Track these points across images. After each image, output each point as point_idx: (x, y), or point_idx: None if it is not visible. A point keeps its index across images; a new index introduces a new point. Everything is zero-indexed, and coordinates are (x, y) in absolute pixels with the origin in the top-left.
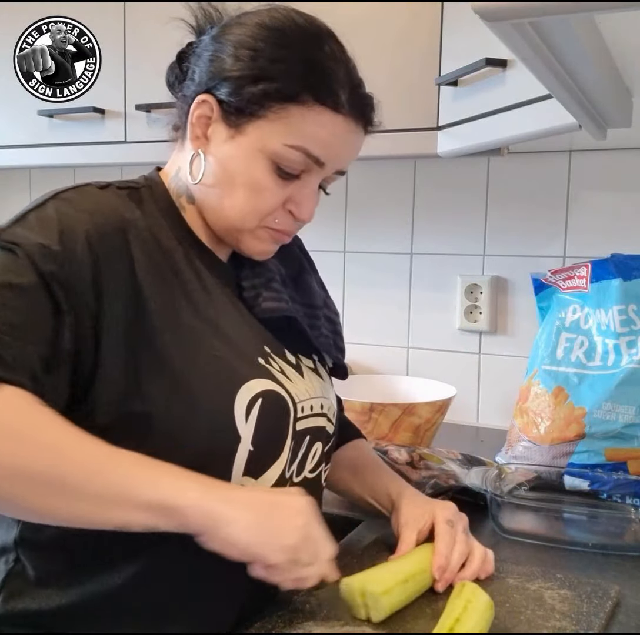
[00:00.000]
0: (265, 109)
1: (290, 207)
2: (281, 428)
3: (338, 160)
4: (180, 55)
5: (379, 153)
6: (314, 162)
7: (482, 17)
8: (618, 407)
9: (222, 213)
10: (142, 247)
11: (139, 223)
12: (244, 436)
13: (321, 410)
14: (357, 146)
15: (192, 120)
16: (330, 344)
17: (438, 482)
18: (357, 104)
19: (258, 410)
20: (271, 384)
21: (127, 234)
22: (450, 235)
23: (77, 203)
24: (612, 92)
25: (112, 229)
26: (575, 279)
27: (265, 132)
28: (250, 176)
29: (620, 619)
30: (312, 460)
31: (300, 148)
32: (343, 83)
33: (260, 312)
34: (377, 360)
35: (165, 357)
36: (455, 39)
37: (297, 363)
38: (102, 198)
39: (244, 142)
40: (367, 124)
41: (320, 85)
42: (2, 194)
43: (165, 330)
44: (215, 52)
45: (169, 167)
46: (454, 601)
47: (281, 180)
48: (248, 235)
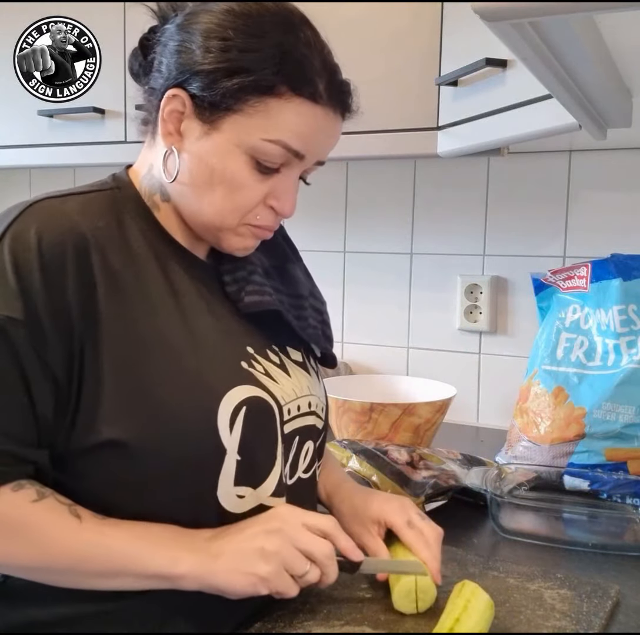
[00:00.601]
0: (242, 102)
1: (271, 202)
2: (268, 434)
3: (318, 152)
4: (143, 42)
5: (379, 153)
6: (293, 155)
7: (482, 17)
8: (618, 407)
9: (200, 211)
10: (102, 262)
11: (99, 233)
12: (230, 448)
13: (309, 409)
14: (336, 135)
15: (164, 116)
16: (319, 334)
17: (438, 482)
18: (335, 92)
19: (242, 419)
20: (254, 390)
21: (88, 251)
22: (450, 235)
23: (28, 238)
24: (612, 92)
25: (71, 254)
26: (575, 279)
27: (242, 127)
28: (228, 173)
29: (620, 618)
30: (305, 460)
31: (279, 142)
32: (319, 71)
33: (243, 307)
34: (377, 360)
35: (138, 378)
36: (455, 39)
37: (281, 362)
38: (55, 217)
39: (219, 138)
40: (345, 111)
41: (297, 76)
42: (2, 194)
43: (131, 348)
44: (183, 43)
45: (139, 165)
46: (454, 601)
47: (260, 175)
48: (229, 233)
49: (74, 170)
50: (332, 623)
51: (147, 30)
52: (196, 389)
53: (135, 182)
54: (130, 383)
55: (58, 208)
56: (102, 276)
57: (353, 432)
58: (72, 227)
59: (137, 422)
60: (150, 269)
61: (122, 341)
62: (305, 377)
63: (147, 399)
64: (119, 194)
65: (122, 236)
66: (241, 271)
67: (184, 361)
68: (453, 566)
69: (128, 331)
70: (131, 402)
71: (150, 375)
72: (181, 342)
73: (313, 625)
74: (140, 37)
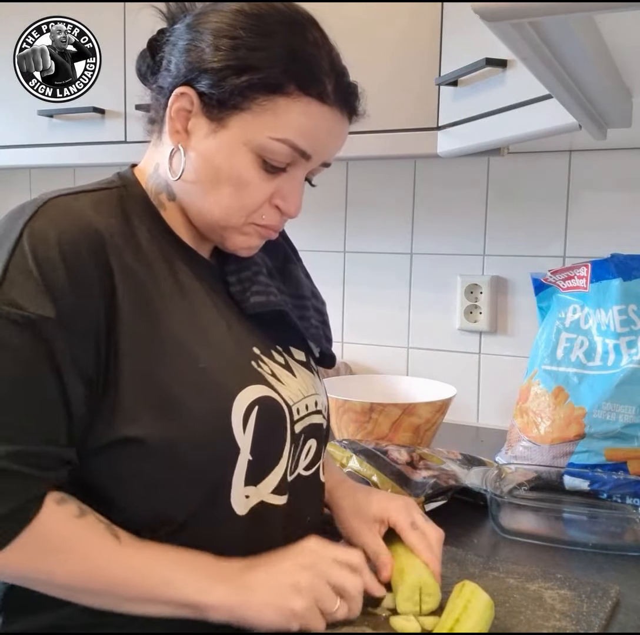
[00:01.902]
0: (250, 101)
1: (277, 202)
2: (279, 433)
3: (324, 152)
4: (151, 43)
5: (379, 153)
6: (300, 155)
7: (482, 17)
8: (618, 407)
9: (205, 210)
10: (118, 259)
11: (114, 230)
12: (243, 447)
13: (316, 408)
14: (343, 137)
15: (171, 114)
16: (321, 334)
17: (438, 482)
18: (343, 93)
19: (255, 418)
20: (265, 390)
21: (105, 249)
22: (450, 235)
23: (48, 236)
24: (612, 92)
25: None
26: (575, 279)
27: (250, 125)
28: (235, 171)
29: (620, 618)
30: (307, 458)
31: (286, 141)
32: (328, 72)
33: (249, 307)
34: (377, 360)
35: (155, 376)
36: (455, 39)
37: (286, 362)
38: (71, 215)
39: (227, 136)
40: (352, 114)
41: (305, 75)
42: (2, 194)
43: (149, 347)
44: (192, 42)
45: (145, 164)
46: (454, 601)
47: (267, 174)
48: (234, 231)
49: (74, 170)
50: (332, 623)
51: (157, 32)
52: (211, 388)
53: (141, 181)
54: (148, 381)
55: (74, 206)
56: (121, 274)
57: (353, 432)
58: (90, 225)
59: (154, 420)
60: (160, 269)
61: (140, 340)
62: (310, 377)
63: (165, 398)
64: (126, 193)
65: (132, 235)
66: (246, 271)
67: (199, 360)
68: (453, 566)
69: (146, 330)
70: (148, 400)
71: (168, 374)
72: (195, 342)
73: None
74: (149, 38)
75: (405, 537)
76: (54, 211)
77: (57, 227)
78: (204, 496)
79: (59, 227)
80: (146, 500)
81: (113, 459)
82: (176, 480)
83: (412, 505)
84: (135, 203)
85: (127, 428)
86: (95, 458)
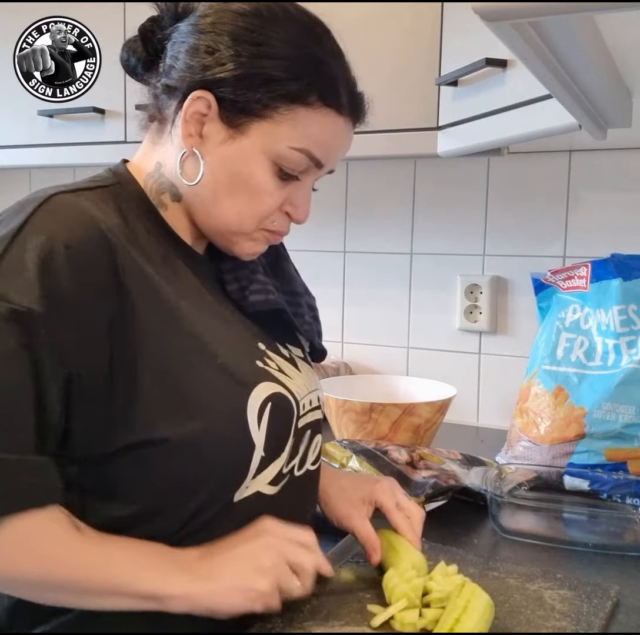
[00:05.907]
0: (271, 109)
1: (287, 209)
2: (287, 429)
3: (334, 161)
4: (145, 34)
5: (379, 153)
6: (314, 164)
7: (482, 17)
8: (618, 407)
9: (216, 215)
10: (125, 258)
11: (117, 230)
12: (258, 443)
13: (318, 403)
14: (349, 145)
15: (186, 117)
16: (314, 330)
17: (438, 482)
18: (356, 104)
19: (268, 415)
20: (275, 386)
21: (110, 247)
22: (450, 235)
23: (52, 232)
24: (612, 92)
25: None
26: (575, 279)
27: (270, 134)
28: (251, 178)
29: (620, 619)
30: (314, 453)
31: (304, 150)
32: (343, 83)
33: (248, 305)
34: (377, 360)
35: (172, 375)
36: (455, 39)
37: (290, 356)
38: (76, 213)
39: (245, 143)
40: (358, 122)
41: (327, 86)
42: (2, 194)
43: (165, 346)
44: (207, 43)
45: (143, 161)
46: (454, 601)
47: (280, 181)
48: (244, 237)
49: (73, 170)
50: (332, 623)
51: (149, 20)
52: (229, 385)
53: (138, 178)
54: (169, 379)
55: (76, 203)
56: (130, 273)
57: (353, 432)
58: (94, 223)
59: (176, 420)
60: (162, 267)
61: (158, 339)
62: (311, 372)
63: (184, 397)
64: (121, 190)
65: (132, 233)
66: (243, 270)
67: (218, 356)
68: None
69: (162, 329)
70: (166, 400)
71: (188, 371)
72: (209, 339)
73: (313, 625)
74: (141, 28)
75: (391, 517)
76: (57, 208)
77: (61, 225)
78: (214, 491)
79: (63, 224)
80: (157, 496)
81: (134, 460)
82: (192, 478)
83: (395, 485)
84: (130, 201)
85: (148, 429)
86: (115, 459)
